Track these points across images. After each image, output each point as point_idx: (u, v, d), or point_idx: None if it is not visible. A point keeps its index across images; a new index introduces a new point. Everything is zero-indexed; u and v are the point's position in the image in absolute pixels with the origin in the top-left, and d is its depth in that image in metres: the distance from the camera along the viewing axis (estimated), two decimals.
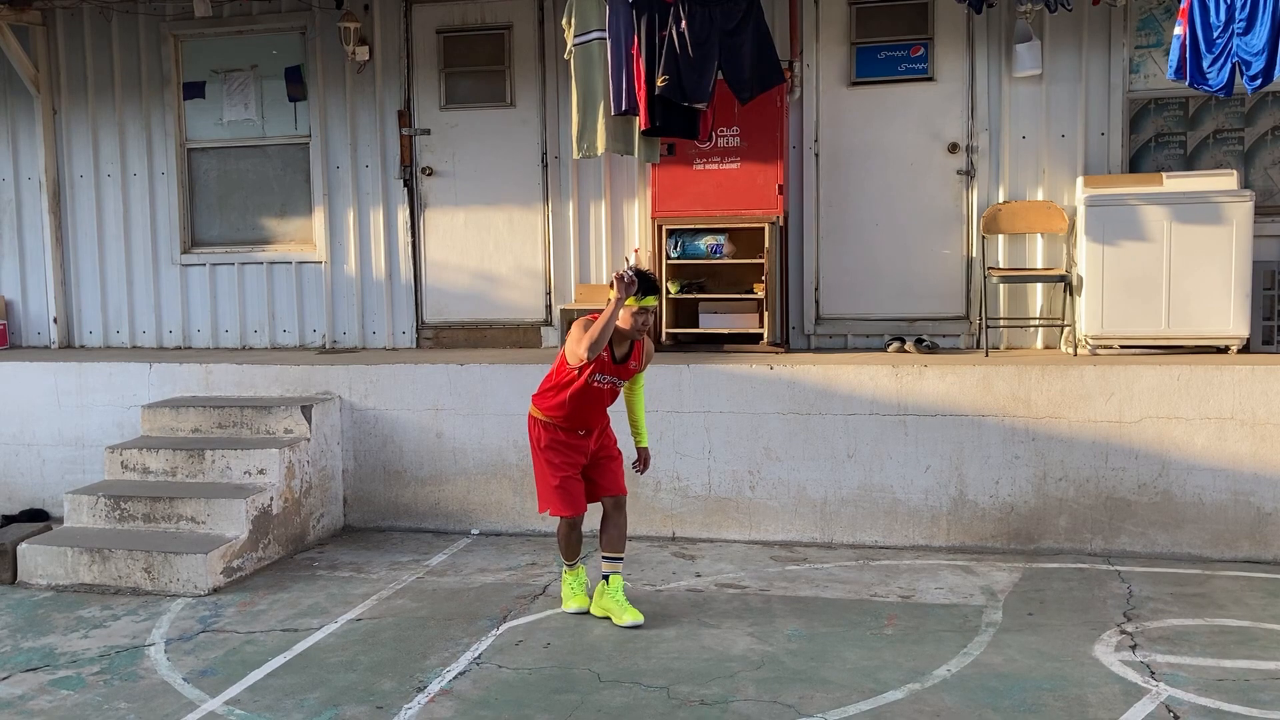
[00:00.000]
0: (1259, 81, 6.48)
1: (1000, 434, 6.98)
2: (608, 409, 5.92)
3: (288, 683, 5.27)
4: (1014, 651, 5.39)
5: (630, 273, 5.54)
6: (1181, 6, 6.52)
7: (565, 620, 5.97)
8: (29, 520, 8.09)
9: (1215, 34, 6.45)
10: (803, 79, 8.13)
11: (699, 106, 7.12)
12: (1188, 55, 6.52)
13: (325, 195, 9.04)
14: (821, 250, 8.21)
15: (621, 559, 5.99)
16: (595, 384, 5.71)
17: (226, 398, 8.13)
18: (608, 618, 5.92)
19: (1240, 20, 6.38)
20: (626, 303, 5.58)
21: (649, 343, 5.93)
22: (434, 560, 7.18)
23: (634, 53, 6.94)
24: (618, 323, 5.57)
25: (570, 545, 6.00)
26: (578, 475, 5.89)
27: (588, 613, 6.01)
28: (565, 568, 6.13)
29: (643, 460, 6.06)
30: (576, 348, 5.53)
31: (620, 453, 6.05)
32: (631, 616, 5.83)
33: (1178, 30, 6.53)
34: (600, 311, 5.61)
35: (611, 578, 5.94)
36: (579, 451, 5.87)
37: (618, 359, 5.75)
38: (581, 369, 5.64)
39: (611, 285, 5.61)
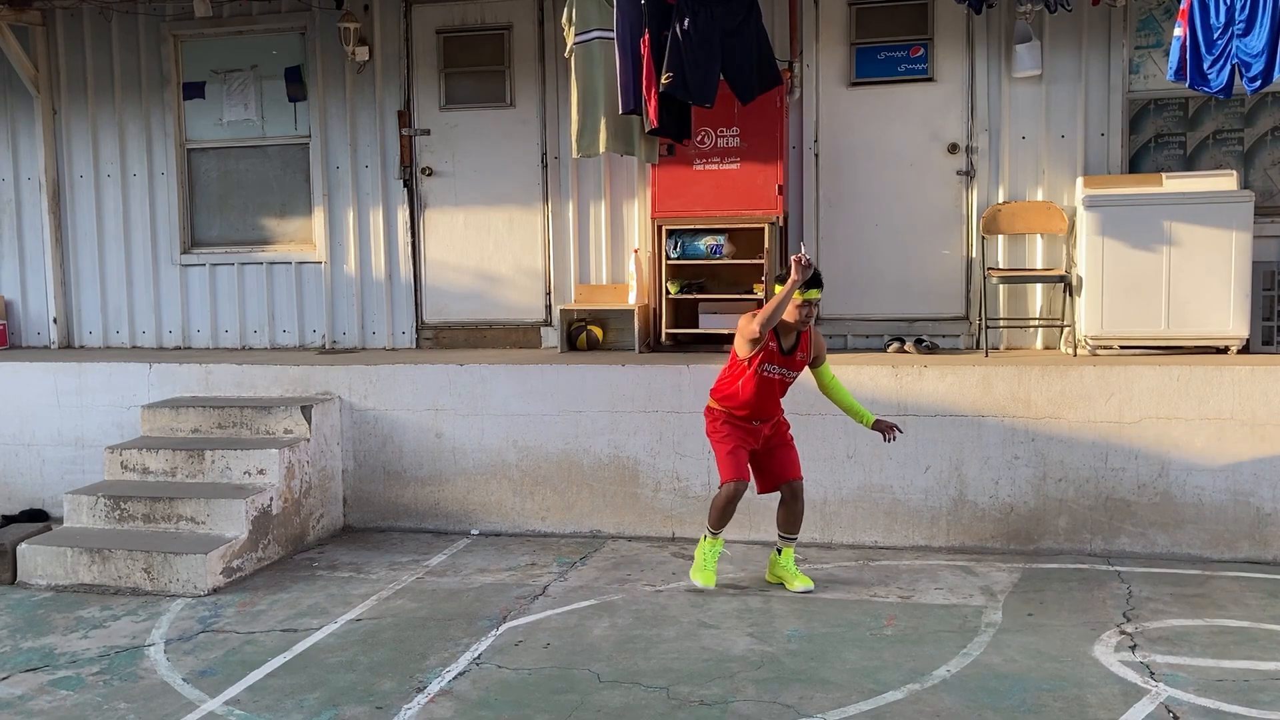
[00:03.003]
0: (1259, 83, 6.49)
1: (1000, 434, 6.98)
2: (781, 402, 6.29)
3: (287, 683, 5.27)
4: (1014, 652, 5.39)
5: (808, 257, 5.87)
6: (1181, 8, 6.52)
7: (565, 620, 5.97)
8: (29, 520, 8.09)
9: (1215, 35, 6.44)
10: (802, 79, 8.13)
11: (705, 105, 7.11)
12: (1188, 56, 6.51)
13: (325, 195, 9.04)
14: (821, 250, 8.21)
15: (795, 539, 6.43)
16: (765, 374, 6.10)
17: (226, 398, 8.13)
18: (781, 584, 6.41)
19: (1240, 22, 6.38)
20: (778, 291, 5.96)
21: (818, 334, 6.35)
22: (434, 560, 7.18)
23: (643, 51, 6.92)
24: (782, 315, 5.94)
25: (725, 515, 6.20)
26: (747, 450, 6.23)
27: (710, 589, 6.29)
28: (708, 535, 6.31)
29: (885, 429, 6.28)
30: (749, 326, 5.96)
31: (793, 440, 6.39)
32: (802, 583, 6.34)
33: (1177, 31, 6.52)
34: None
35: (785, 550, 6.43)
36: (752, 435, 6.24)
37: (785, 350, 6.14)
38: (751, 360, 6.06)
39: (778, 281, 6.07)
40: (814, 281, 6.01)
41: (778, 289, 6.00)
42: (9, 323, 9.69)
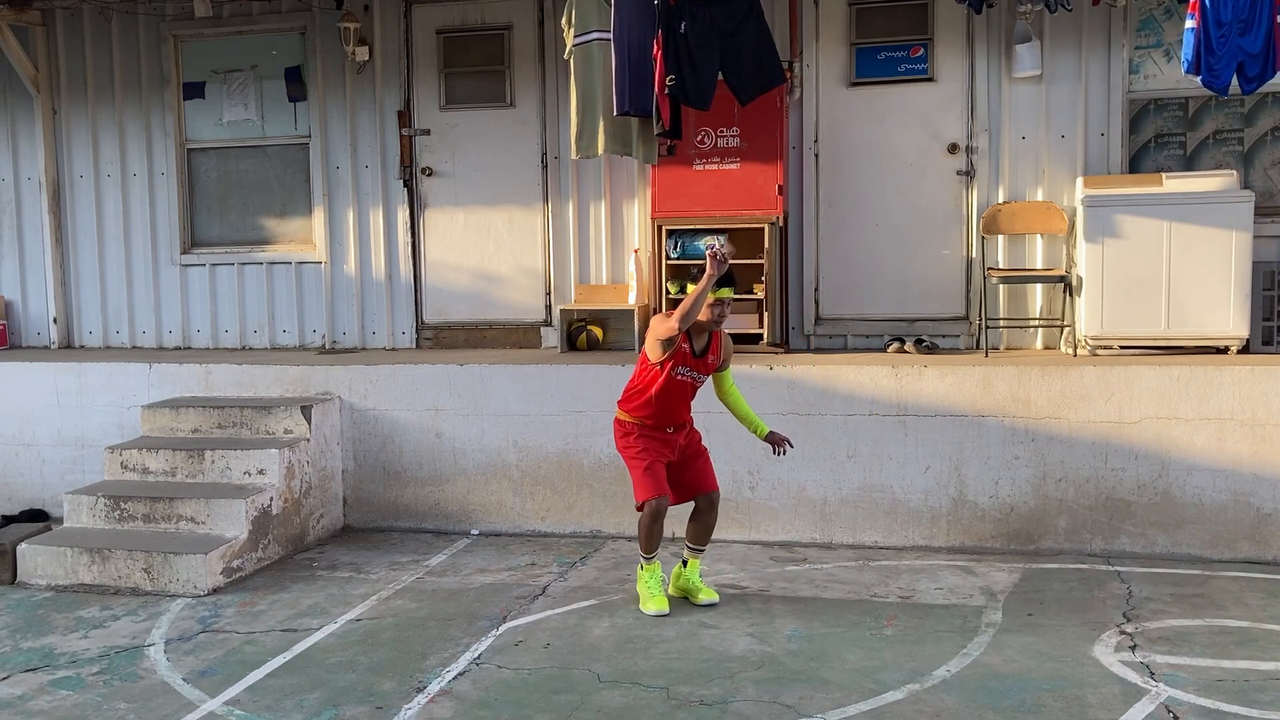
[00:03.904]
0: (1255, 84, 6.51)
1: (1000, 434, 6.98)
2: (690, 406, 6.10)
3: (287, 683, 5.27)
4: (1014, 652, 5.39)
5: (724, 251, 5.66)
6: (1192, 0, 6.47)
7: (565, 620, 5.97)
8: (29, 520, 8.09)
9: (1222, 30, 6.43)
10: (802, 79, 8.13)
11: (701, 108, 7.12)
12: (1201, 49, 6.46)
13: (325, 195, 9.04)
14: (821, 251, 8.21)
15: (703, 551, 6.22)
16: (678, 377, 5.89)
17: (226, 398, 8.13)
18: (685, 597, 6.19)
19: (1240, 21, 6.38)
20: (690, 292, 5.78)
21: (727, 338, 6.12)
22: (434, 560, 7.18)
23: (655, 54, 6.88)
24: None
25: (652, 535, 5.96)
26: (664, 463, 5.99)
27: (667, 615, 5.96)
28: (644, 562, 6.06)
29: (776, 442, 6.12)
30: (665, 325, 5.70)
31: (706, 450, 6.20)
32: (708, 596, 6.13)
33: (1190, 23, 6.44)
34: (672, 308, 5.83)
35: (690, 562, 6.19)
36: (667, 445, 6.02)
37: (697, 352, 5.93)
38: (663, 364, 5.84)
39: (691, 281, 5.89)
40: (727, 279, 5.78)
41: (690, 287, 5.80)
42: (9, 323, 9.69)
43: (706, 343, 5.96)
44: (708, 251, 5.61)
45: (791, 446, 6.22)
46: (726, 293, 5.84)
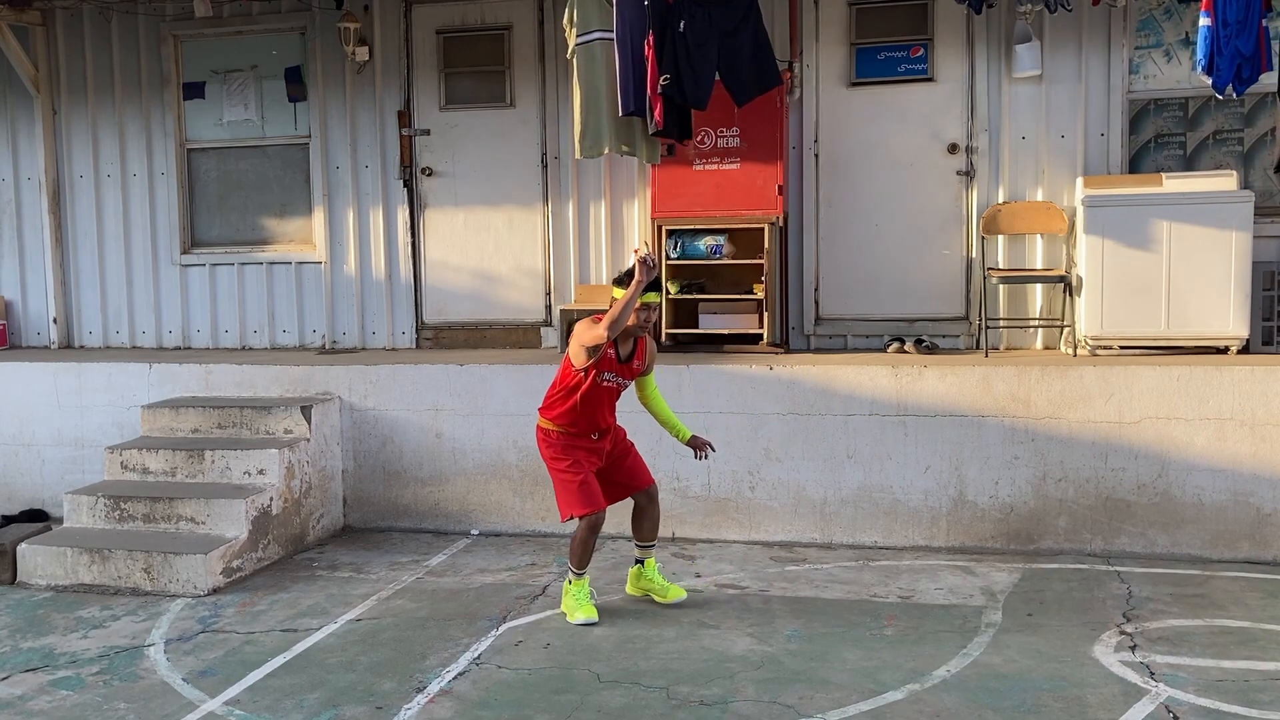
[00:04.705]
0: (1245, 85, 6.56)
1: (1000, 434, 6.98)
2: (615, 409, 6.01)
3: (287, 683, 5.27)
4: (1014, 652, 5.39)
5: (651, 256, 5.60)
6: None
7: (565, 621, 5.97)
8: (29, 520, 8.08)
9: (1227, 31, 6.43)
10: (802, 79, 8.13)
11: (698, 108, 7.12)
12: (1213, 49, 6.44)
13: (325, 196, 9.04)
14: (821, 251, 8.21)
15: (654, 546, 6.18)
16: (603, 383, 5.81)
17: (226, 398, 8.13)
18: (648, 597, 6.16)
19: (1238, 22, 6.39)
20: (616, 295, 5.68)
21: (651, 342, 6.03)
22: (434, 560, 7.18)
23: (646, 54, 6.91)
24: None
25: (586, 551, 5.89)
26: (593, 473, 5.91)
27: (596, 624, 5.85)
28: (573, 577, 5.95)
29: (698, 447, 6.07)
30: (592, 333, 5.62)
31: (633, 445, 6.13)
32: (676, 594, 6.10)
33: (1205, 22, 6.41)
34: (603, 313, 5.69)
35: (647, 561, 6.16)
36: (594, 453, 5.94)
37: (622, 358, 5.86)
38: (588, 370, 5.75)
39: (616, 284, 5.75)
40: (653, 285, 5.73)
41: (616, 292, 5.70)
42: (9, 323, 9.69)
43: (632, 348, 5.88)
44: (636, 257, 5.56)
45: (714, 450, 6.18)
46: (653, 297, 5.78)
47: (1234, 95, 6.68)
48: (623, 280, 5.70)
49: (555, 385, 5.91)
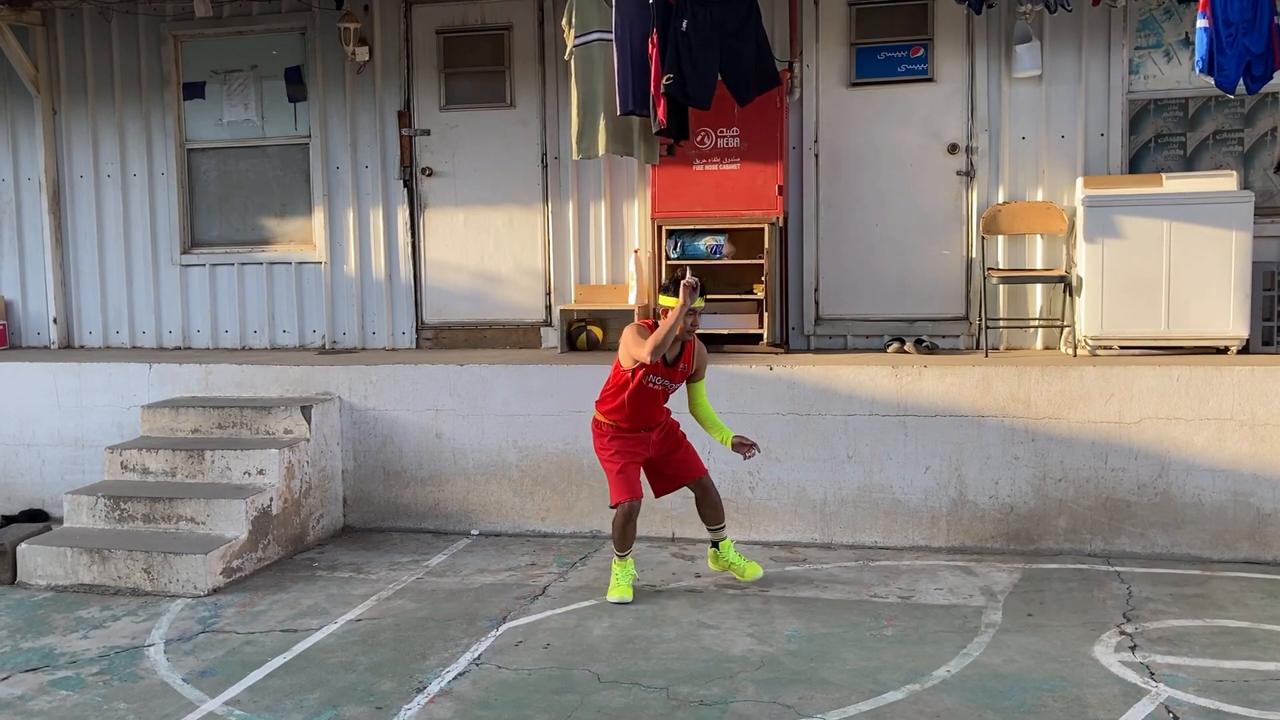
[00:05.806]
0: (1259, 84, 6.51)
1: (1000, 434, 6.98)
2: (667, 406, 6.27)
3: (287, 683, 5.28)
4: (1013, 652, 5.39)
5: (696, 279, 5.88)
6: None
7: (565, 621, 5.97)
8: (29, 520, 8.09)
9: (1230, 30, 6.43)
10: (802, 80, 8.12)
11: (701, 107, 7.12)
12: (1213, 49, 6.45)
13: (325, 196, 9.04)
14: (821, 251, 8.21)
15: (724, 527, 6.46)
16: (649, 385, 6.07)
17: (226, 398, 8.13)
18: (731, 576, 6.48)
19: (1245, 21, 6.38)
20: (663, 303, 5.99)
21: (700, 345, 6.27)
22: (433, 561, 7.18)
23: (650, 52, 6.90)
24: None
25: (626, 536, 6.20)
26: (638, 465, 6.22)
27: (629, 603, 6.18)
28: (617, 558, 6.28)
29: (744, 447, 6.24)
30: (637, 351, 5.92)
31: (685, 437, 6.38)
32: (752, 571, 6.41)
33: (1202, 22, 6.43)
34: (647, 320, 6.17)
35: (721, 543, 6.46)
36: (642, 444, 6.22)
37: (669, 362, 6.08)
38: (634, 372, 6.01)
39: (662, 292, 6.09)
40: (699, 290, 5.98)
41: (663, 299, 6.02)
42: (9, 323, 9.69)
43: (679, 351, 6.11)
44: (683, 283, 5.81)
45: (760, 450, 6.40)
46: (699, 303, 6.00)
47: (1245, 93, 6.67)
48: (669, 289, 5.99)
49: (608, 383, 6.21)
